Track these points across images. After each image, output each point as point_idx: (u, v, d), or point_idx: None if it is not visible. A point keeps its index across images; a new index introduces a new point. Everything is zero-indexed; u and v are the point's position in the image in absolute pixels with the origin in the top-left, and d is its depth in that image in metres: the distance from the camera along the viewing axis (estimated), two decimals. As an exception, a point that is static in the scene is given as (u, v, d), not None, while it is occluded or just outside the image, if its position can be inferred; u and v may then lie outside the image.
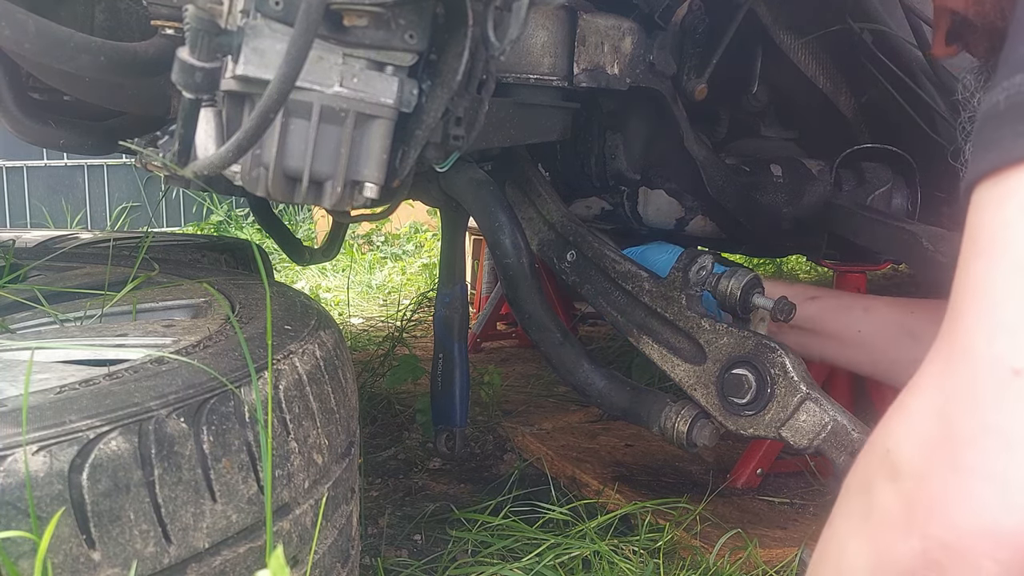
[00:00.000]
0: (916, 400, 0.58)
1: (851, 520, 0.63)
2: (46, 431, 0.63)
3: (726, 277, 1.21)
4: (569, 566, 1.42)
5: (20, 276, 1.22)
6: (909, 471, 0.56)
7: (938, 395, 0.56)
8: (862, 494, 0.62)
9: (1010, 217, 0.54)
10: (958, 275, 0.57)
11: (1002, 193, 0.55)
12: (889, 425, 0.60)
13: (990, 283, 0.54)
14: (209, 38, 0.82)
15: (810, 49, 1.60)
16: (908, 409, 0.59)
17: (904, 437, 0.58)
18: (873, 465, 0.61)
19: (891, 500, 0.57)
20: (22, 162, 4.59)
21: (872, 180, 1.70)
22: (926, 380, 0.58)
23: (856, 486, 0.63)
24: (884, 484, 0.58)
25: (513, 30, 0.90)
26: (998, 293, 0.54)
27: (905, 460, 0.57)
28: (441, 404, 1.58)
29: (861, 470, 0.63)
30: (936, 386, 0.57)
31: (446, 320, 1.57)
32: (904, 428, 0.58)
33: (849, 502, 0.64)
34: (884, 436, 0.60)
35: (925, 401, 0.57)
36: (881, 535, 0.58)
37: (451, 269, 1.60)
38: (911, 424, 0.58)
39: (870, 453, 0.62)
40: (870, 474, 0.61)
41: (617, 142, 1.66)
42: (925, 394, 0.58)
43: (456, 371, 1.57)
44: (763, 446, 1.80)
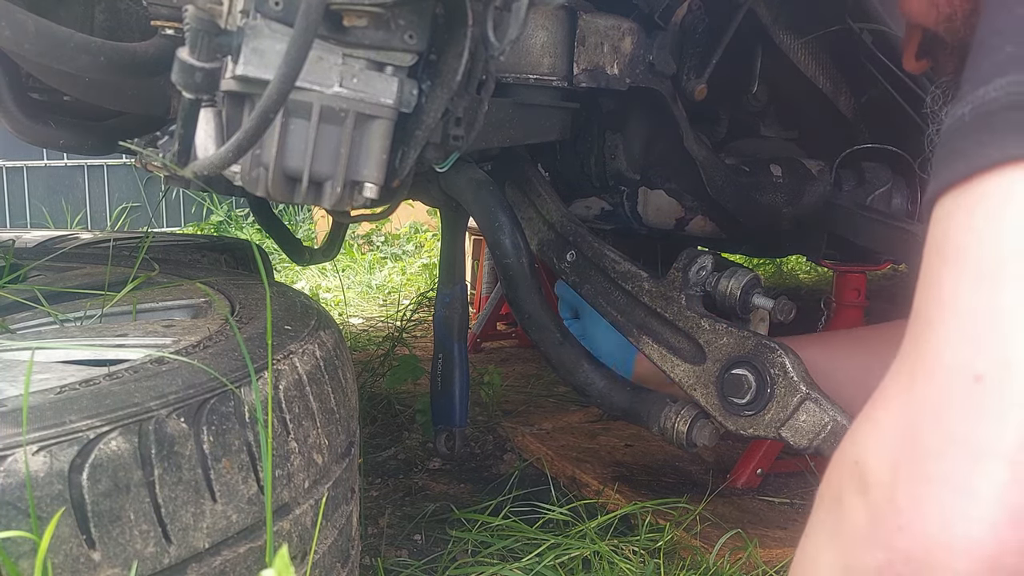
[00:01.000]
0: (882, 411, 0.58)
1: (823, 532, 0.63)
2: (46, 431, 0.64)
3: (726, 277, 1.21)
4: (569, 566, 1.42)
5: (20, 276, 1.22)
6: (876, 483, 0.56)
7: (904, 405, 0.56)
8: (832, 506, 0.61)
9: (975, 226, 0.54)
10: (921, 284, 0.56)
11: (967, 202, 0.54)
12: (856, 436, 0.60)
13: (955, 292, 0.54)
14: (209, 38, 0.82)
15: (810, 49, 1.60)
16: (874, 420, 0.58)
17: (871, 449, 0.57)
18: (842, 476, 0.60)
19: (859, 512, 0.57)
20: (22, 162, 4.59)
21: (872, 180, 1.70)
22: (892, 391, 0.58)
23: (827, 497, 0.63)
24: (852, 496, 0.58)
25: (513, 30, 0.90)
26: (962, 302, 0.53)
27: (872, 472, 0.56)
28: (441, 404, 1.58)
29: (832, 481, 0.62)
30: (902, 397, 0.56)
31: (446, 320, 1.57)
32: (871, 439, 0.58)
33: (821, 513, 0.63)
34: (852, 447, 0.60)
35: (891, 411, 0.57)
36: (850, 548, 0.58)
37: (451, 269, 1.60)
38: (878, 435, 0.57)
39: (840, 464, 0.61)
40: (840, 486, 0.60)
41: (617, 142, 1.66)
42: (891, 405, 0.57)
43: (456, 371, 1.57)
44: (763, 446, 1.80)
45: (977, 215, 0.54)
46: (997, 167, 0.53)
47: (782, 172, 1.68)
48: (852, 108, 1.69)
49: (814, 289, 3.56)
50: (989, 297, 0.52)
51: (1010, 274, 0.51)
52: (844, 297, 1.81)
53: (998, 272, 0.52)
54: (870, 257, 1.78)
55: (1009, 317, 0.51)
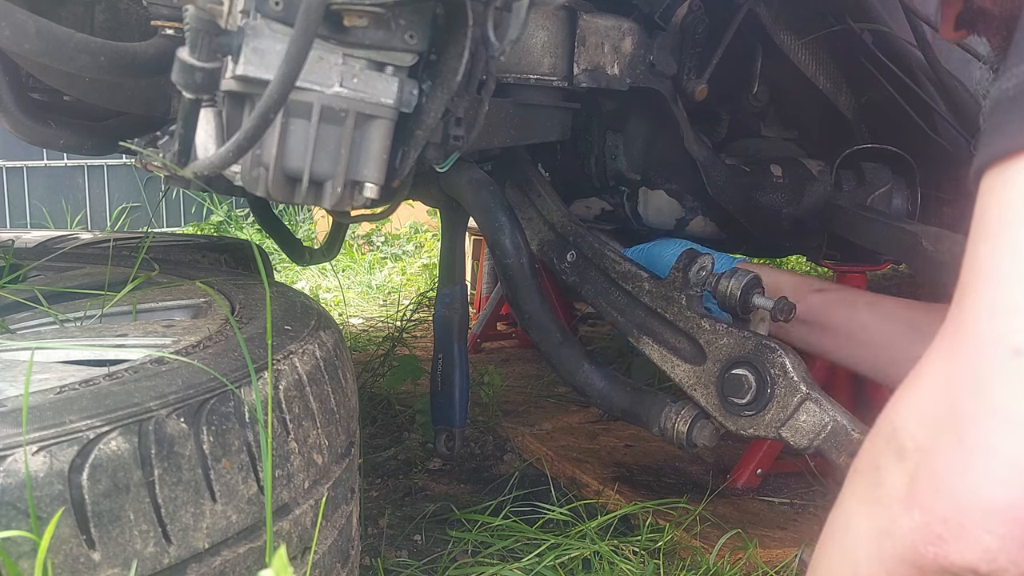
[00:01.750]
0: (922, 380, 0.60)
1: (857, 497, 0.64)
2: (46, 431, 0.63)
3: (726, 277, 1.21)
4: (569, 566, 1.42)
5: (20, 276, 1.22)
6: (914, 449, 0.58)
7: (943, 375, 0.57)
8: (869, 472, 0.63)
9: (1016, 200, 0.55)
10: (966, 258, 0.58)
11: (1009, 178, 0.56)
12: (896, 404, 0.62)
13: (994, 264, 0.55)
14: (209, 38, 0.82)
15: (810, 49, 1.60)
16: (914, 388, 0.60)
17: (910, 416, 0.59)
18: (880, 444, 0.62)
19: (896, 477, 0.59)
20: (22, 162, 4.59)
21: (872, 180, 1.70)
22: (932, 360, 0.59)
23: (864, 465, 0.64)
24: (890, 462, 0.60)
25: (513, 30, 0.90)
26: (1002, 273, 0.55)
27: (910, 438, 0.58)
28: (441, 404, 1.58)
29: (869, 449, 0.64)
30: (941, 366, 0.58)
31: (446, 320, 1.57)
32: (910, 407, 0.60)
33: (857, 480, 0.65)
34: (891, 415, 0.62)
35: (931, 381, 0.59)
36: (885, 511, 0.59)
37: (451, 269, 1.60)
38: (917, 403, 0.59)
39: (878, 432, 0.63)
40: (877, 452, 0.62)
41: (617, 142, 1.66)
42: (931, 374, 0.59)
43: (456, 371, 1.57)
44: (763, 446, 1.80)
45: (1016, 190, 0.55)
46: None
47: (782, 172, 1.68)
48: (852, 108, 1.69)
49: (814, 289, 3.55)
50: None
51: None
52: (844, 297, 1.80)
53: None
54: (870, 257, 1.78)
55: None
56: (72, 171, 4.78)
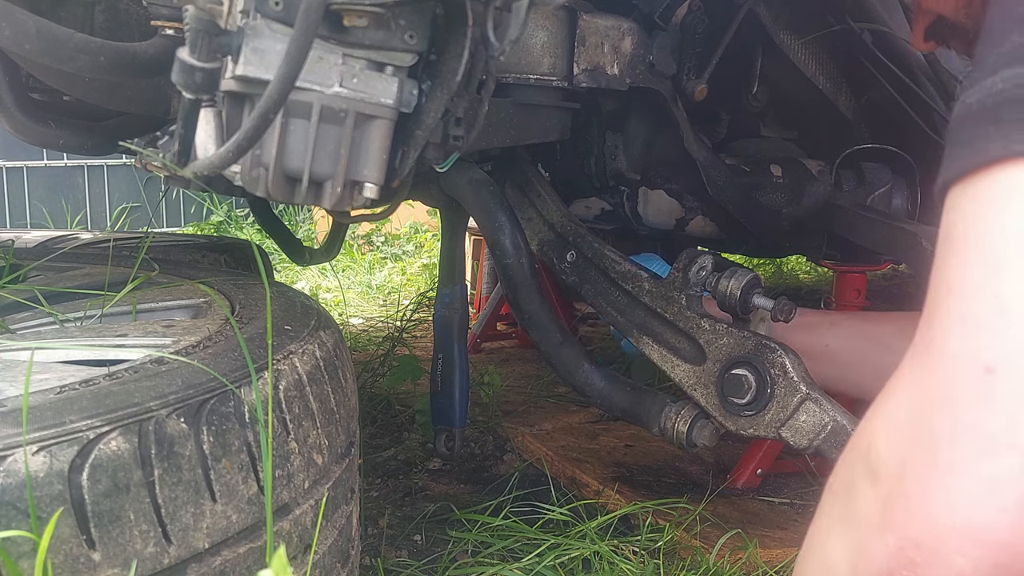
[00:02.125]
0: (893, 400, 0.59)
1: (833, 521, 0.64)
2: (46, 431, 0.63)
3: (726, 277, 1.21)
4: (569, 566, 1.42)
5: (20, 276, 1.22)
6: (887, 472, 0.57)
7: (914, 394, 0.57)
8: (843, 495, 0.62)
9: (979, 218, 0.55)
10: (933, 274, 0.58)
11: (974, 193, 0.56)
12: (868, 425, 0.61)
13: (963, 281, 0.55)
14: (209, 38, 0.82)
15: (810, 49, 1.60)
16: (886, 409, 0.59)
17: (882, 437, 0.59)
18: (853, 466, 0.61)
19: (870, 500, 0.58)
20: (22, 162, 4.59)
21: (872, 180, 1.70)
22: (903, 380, 0.59)
23: (838, 487, 0.64)
24: (863, 485, 0.59)
25: (513, 30, 0.90)
26: (970, 289, 0.54)
27: (883, 461, 0.57)
28: (440, 404, 1.58)
29: (842, 471, 0.63)
30: (912, 385, 0.57)
31: (445, 320, 1.57)
32: (882, 428, 0.59)
33: (831, 503, 0.64)
34: (863, 437, 0.61)
35: (902, 401, 0.58)
36: (860, 535, 0.58)
37: (451, 269, 1.60)
38: (888, 423, 0.58)
39: (851, 453, 0.63)
40: (850, 475, 0.61)
41: (617, 142, 1.66)
42: (902, 394, 0.58)
43: (455, 371, 1.57)
44: (763, 446, 1.80)
45: (981, 207, 0.55)
46: (1002, 161, 0.54)
47: (782, 172, 1.68)
48: (852, 108, 1.70)
49: (814, 289, 3.56)
50: (994, 288, 0.53)
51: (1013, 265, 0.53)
52: (844, 297, 1.81)
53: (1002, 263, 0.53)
54: (870, 257, 1.78)
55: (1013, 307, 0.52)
56: (72, 171, 4.78)
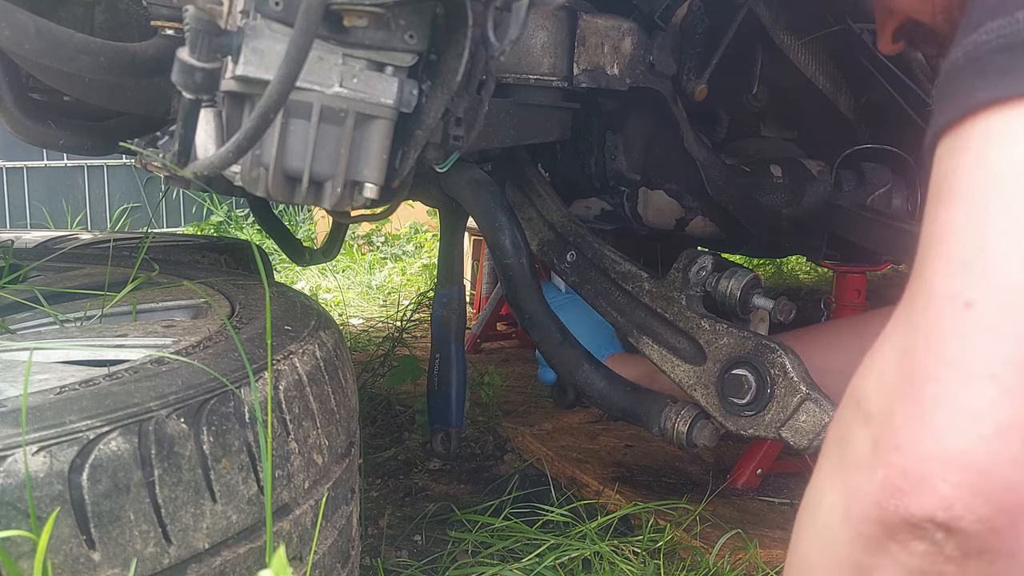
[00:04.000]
0: (883, 346, 0.61)
1: (827, 470, 0.65)
2: (46, 431, 0.64)
3: (726, 277, 1.21)
4: (569, 567, 1.42)
5: (20, 276, 1.22)
6: (876, 412, 0.59)
7: (901, 337, 0.59)
8: (837, 443, 0.64)
9: (964, 164, 0.56)
10: (923, 227, 0.59)
11: (960, 143, 0.57)
12: (861, 373, 0.62)
13: (947, 226, 0.57)
14: (209, 39, 0.82)
15: (810, 49, 1.60)
16: (877, 356, 0.61)
17: (872, 381, 0.60)
18: (847, 414, 0.63)
19: (861, 442, 0.60)
20: (22, 163, 4.59)
21: (872, 181, 1.70)
22: (891, 327, 0.60)
23: (832, 437, 0.65)
24: (855, 429, 0.61)
25: (513, 31, 0.90)
26: (955, 235, 0.56)
27: (873, 403, 0.59)
28: (438, 404, 1.58)
29: (837, 422, 0.65)
30: (899, 330, 0.59)
31: (443, 320, 1.57)
32: (872, 373, 0.61)
33: (827, 453, 0.66)
34: (855, 385, 0.63)
35: (890, 345, 0.60)
36: (852, 477, 0.60)
37: (449, 270, 1.60)
38: (878, 368, 0.60)
39: (844, 404, 0.64)
40: (844, 423, 0.63)
41: (617, 142, 1.66)
42: (890, 339, 0.60)
43: (452, 372, 1.56)
44: (763, 447, 1.80)
45: (967, 155, 0.57)
46: (986, 108, 0.56)
47: (782, 172, 1.68)
48: (852, 108, 1.69)
49: (814, 289, 3.56)
50: (977, 229, 0.55)
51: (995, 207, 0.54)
52: (844, 297, 1.81)
53: (984, 205, 0.55)
54: (870, 257, 1.78)
55: (995, 246, 0.54)
56: (72, 171, 4.78)
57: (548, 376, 1.61)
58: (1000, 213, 0.54)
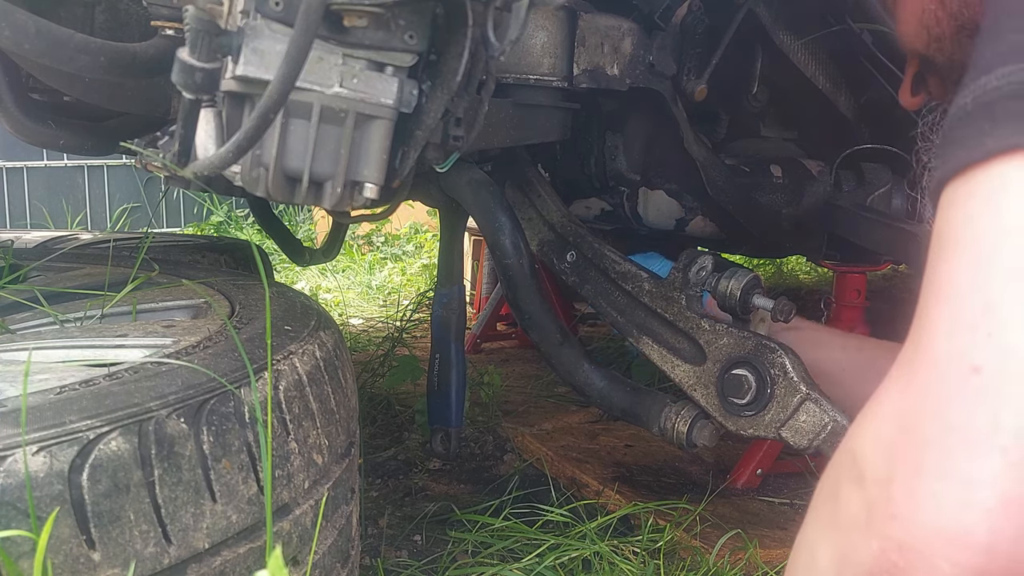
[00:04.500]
0: (880, 404, 0.58)
1: (820, 524, 0.63)
2: (46, 431, 0.63)
3: (726, 277, 1.21)
4: (569, 567, 1.42)
5: (20, 276, 1.22)
6: (872, 474, 0.56)
7: (900, 397, 0.55)
8: (829, 497, 0.61)
9: (973, 214, 0.53)
10: (925, 278, 0.56)
11: (967, 191, 0.54)
12: (857, 429, 0.60)
13: (952, 281, 0.53)
14: (209, 39, 0.82)
15: (810, 49, 1.60)
16: (874, 412, 0.58)
17: (868, 441, 0.57)
18: (841, 469, 0.60)
19: (855, 503, 0.57)
20: (22, 163, 4.59)
21: (872, 181, 1.70)
22: (891, 383, 0.57)
23: (826, 491, 0.63)
24: (850, 488, 0.58)
25: (513, 31, 0.90)
26: (959, 291, 0.53)
27: (869, 463, 0.56)
28: (437, 404, 1.57)
29: (830, 474, 0.62)
30: (899, 388, 0.56)
31: (443, 321, 1.57)
32: (869, 431, 0.58)
33: (818, 506, 0.63)
34: (852, 440, 0.60)
35: (888, 404, 0.57)
36: (845, 538, 0.57)
37: (449, 270, 1.60)
38: (875, 428, 0.57)
39: (839, 457, 0.61)
40: (838, 478, 0.60)
41: (617, 142, 1.66)
42: (889, 396, 0.57)
43: (452, 372, 1.56)
44: (763, 447, 1.80)
45: (974, 204, 0.53)
46: (996, 157, 0.53)
47: (782, 173, 1.68)
48: (852, 108, 1.69)
49: (814, 289, 3.56)
50: (984, 286, 0.51)
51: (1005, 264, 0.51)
52: (844, 297, 1.81)
53: (993, 261, 0.51)
54: (870, 257, 1.78)
55: (1004, 307, 0.50)
56: (72, 171, 4.78)
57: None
58: (1009, 269, 0.51)
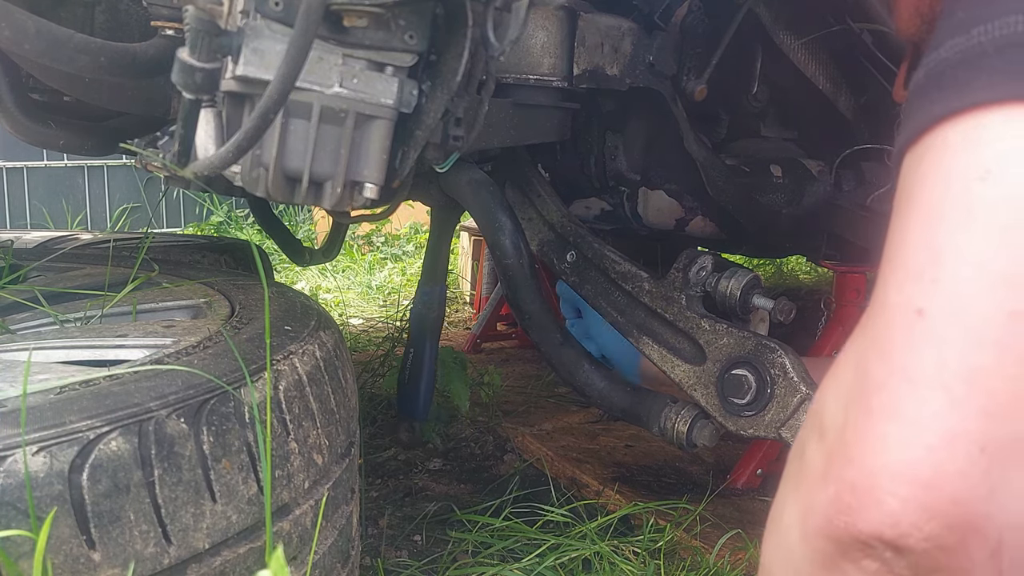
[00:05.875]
0: (841, 359, 0.60)
1: (787, 484, 0.64)
2: (46, 431, 0.64)
3: (726, 277, 1.21)
4: (569, 567, 1.42)
5: (20, 277, 1.22)
6: (831, 425, 0.58)
7: (857, 349, 0.58)
8: (796, 459, 0.63)
9: (922, 175, 0.56)
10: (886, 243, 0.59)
11: (917, 156, 0.57)
12: (820, 390, 0.62)
13: (904, 238, 0.56)
14: (209, 39, 0.82)
15: (810, 49, 1.60)
16: (835, 369, 0.60)
17: (830, 395, 0.60)
18: (807, 430, 0.62)
19: (816, 456, 0.59)
20: (22, 163, 4.59)
21: (872, 180, 1.70)
22: (852, 339, 0.60)
23: (793, 453, 0.65)
24: (813, 445, 0.60)
25: (513, 31, 0.90)
26: (910, 243, 0.56)
27: (828, 417, 0.59)
28: (406, 395, 1.69)
29: (799, 438, 0.65)
30: (857, 341, 0.59)
31: (422, 318, 1.66)
32: (829, 386, 0.60)
33: (788, 468, 0.65)
34: (816, 399, 0.62)
35: (847, 358, 0.59)
36: (807, 490, 0.59)
37: (434, 268, 1.64)
38: (834, 382, 0.60)
39: (806, 420, 0.64)
40: (804, 439, 0.62)
41: (617, 142, 1.66)
42: (848, 352, 0.59)
43: (424, 368, 1.67)
44: (763, 447, 1.80)
45: (923, 167, 0.57)
46: (942, 120, 0.56)
47: (782, 172, 1.68)
48: (852, 108, 1.69)
49: (814, 289, 3.56)
50: (930, 238, 0.54)
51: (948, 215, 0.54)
52: (844, 297, 1.81)
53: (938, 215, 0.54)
54: (870, 257, 1.78)
55: (948, 255, 0.53)
56: (72, 172, 4.78)
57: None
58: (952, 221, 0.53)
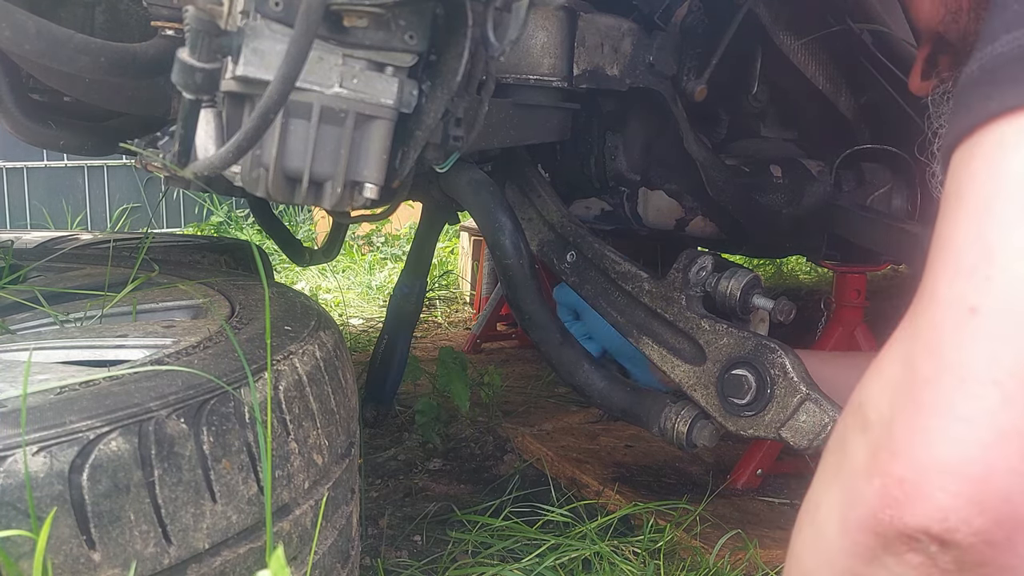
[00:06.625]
0: (888, 351, 0.60)
1: (826, 476, 0.64)
2: (46, 431, 0.64)
3: (726, 277, 1.21)
4: (569, 567, 1.42)
5: (20, 277, 1.22)
6: (877, 419, 0.58)
7: (903, 345, 0.58)
8: (837, 449, 0.63)
9: (975, 171, 0.56)
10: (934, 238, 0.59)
11: (970, 153, 0.57)
12: (863, 381, 0.62)
13: (954, 233, 0.56)
14: (209, 39, 0.82)
15: (810, 49, 1.60)
16: (879, 365, 0.61)
17: (874, 388, 0.60)
18: (847, 421, 0.63)
19: (860, 449, 0.59)
20: (22, 163, 4.59)
21: (872, 181, 1.70)
22: (897, 335, 0.60)
23: (833, 444, 0.65)
24: (855, 435, 0.60)
25: (513, 31, 0.90)
26: (961, 241, 0.56)
27: (873, 409, 0.59)
28: (375, 379, 1.84)
29: (838, 428, 0.65)
30: (903, 337, 0.59)
31: (399, 310, 1.80)
32: (875, 381, 0.60)
33: (826, 459, 0.65)
34: (859, 392, 0.62)
35: (893, 352, 0.59)
36: (849, 482, 0.59)
37: (417, 263, 1.67)
38: (880, 375, 0.60)
39: (847, 411, 0.64)
40: (844, 431, 0.63)
41: (617, 143, 1.66)
42: (895, 344, 0.59)
43: (395, 357, 1.83)
44: (763, 447, 1.80)
45: (976, 163, 0.56)
46: (997, 118, 0.56)
47: (782, 173, 1.68)
48: (852, 108, 1.69)
49: (814, 289, 3.56)
50: (983, 235, 0.54)
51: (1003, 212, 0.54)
52: (844, 297, 1.81)
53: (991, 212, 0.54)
54: (870, 257, 1.78)
55: (1002, 253, 0.53)
56: (72, 172, 4.78)
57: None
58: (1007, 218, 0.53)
